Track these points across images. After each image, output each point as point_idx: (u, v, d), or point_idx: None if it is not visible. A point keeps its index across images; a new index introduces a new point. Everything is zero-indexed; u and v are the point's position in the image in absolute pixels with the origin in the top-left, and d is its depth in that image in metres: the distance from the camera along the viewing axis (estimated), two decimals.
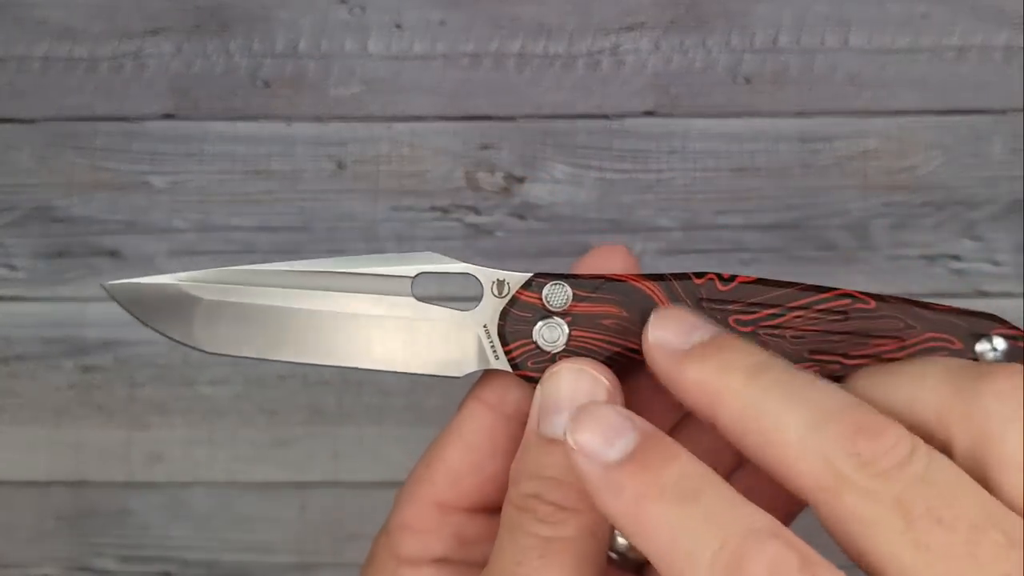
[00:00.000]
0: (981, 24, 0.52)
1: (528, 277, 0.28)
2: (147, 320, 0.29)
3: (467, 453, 0.29)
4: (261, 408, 0.57)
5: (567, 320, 0.27)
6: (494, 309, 0.28)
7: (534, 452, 0.26)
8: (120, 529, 0.58)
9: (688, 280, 0.27)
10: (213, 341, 0.29)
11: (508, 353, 0.28)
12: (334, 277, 0.28)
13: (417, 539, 0.29)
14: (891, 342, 0.27)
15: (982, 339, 0.27)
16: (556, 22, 0.52)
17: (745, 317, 0.27)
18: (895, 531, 0.21)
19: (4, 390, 0.57)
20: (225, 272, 0.29)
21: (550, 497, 0.25)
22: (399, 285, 0.28)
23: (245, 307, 0.29)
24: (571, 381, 0.26)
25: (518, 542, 0.25)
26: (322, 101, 0.53)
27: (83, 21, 0.53)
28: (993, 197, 0.54)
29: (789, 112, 0.53)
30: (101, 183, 0.54)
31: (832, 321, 0.27)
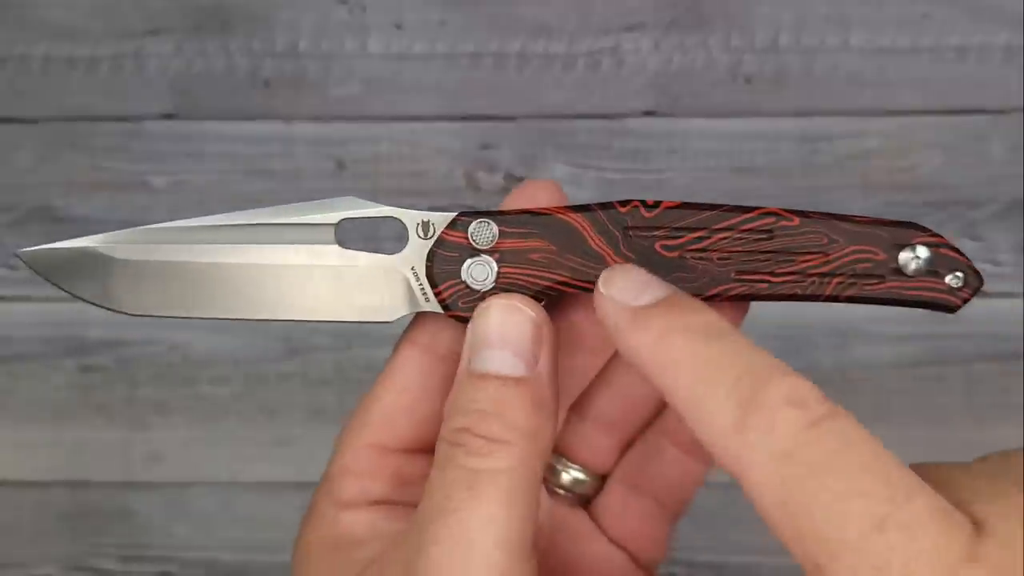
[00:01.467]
0: (981, 24, 0.52)
1: (453, 216, 0.27)
2: (65, 285, 0.28)
3: (401, 395, 0.28)
4: (261, 408, 0.57)
5: (495, 257, 0.27)
6: (421, 251, 0.27)
7: (466, 387, 0.26)
8: (120, 528, 0.58)
9: (613, 209, 0.27)
10: (136, 303, 0.28)
11: (438, 295, 0.27)
12: (256, 229, 0.28)
13: (356, 482, 0.29)
14: (816, 257, 0.27)
15: (905, 248, 0.27)
16: (556, 22, 0.52)
17: (671, 242, 0.27)
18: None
19: (4, 390, 0.57)
20: (143, 231, 0.28)
21: (480, 430, 0.25)
22: (323, 233, 0.28)
23: (166, 265, 0.28)
24: (500, 316, 0.26)
25: (448, 476, 0.25)
26: (322, 101, 0.53)
27: (83, 21, 0.53)
28: (993, 197, 0.54)
29: (789, 112, 0.53)
30: (101, 183, 0.54)
31: (757, 240, 0.27)
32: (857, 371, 0.54)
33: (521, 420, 0.25)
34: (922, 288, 0.27)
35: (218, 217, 0.28)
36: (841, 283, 0.27)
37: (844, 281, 0.27)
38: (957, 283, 0.27)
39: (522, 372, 0.25)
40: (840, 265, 0.27)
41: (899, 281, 0.27)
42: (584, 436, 0.30)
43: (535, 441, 0.25)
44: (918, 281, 0.27)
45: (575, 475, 0.30)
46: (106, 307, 0.28)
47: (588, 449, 0.30)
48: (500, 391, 0.25)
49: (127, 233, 0.28)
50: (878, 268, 0.27)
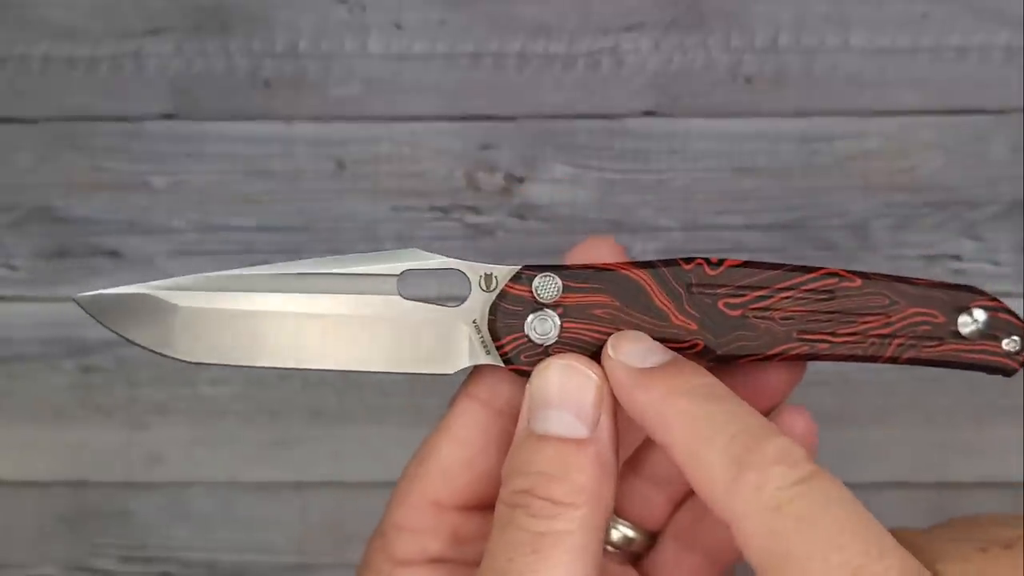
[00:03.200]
0: (981, 24, 0.52)
1: (517, 269, 0.27)
2: (123, 332, 0.28)
3: (460, 450, 0.28)
4: (261, 408, 0.57)
5: (558, 312, 0.27)
6: (483, 304, 0.27)
7: (525, 448, 0.26)
8: (120, 529, 0.58)
9: (677, 266, 0.27)
10: (194, 350, 0.28)
11: (500, 348, 0.27)
12: (318, 279, 0.28)
13: (412, 539, 0.28)
14: (877, 319, 0.27)
15: (964, 312, 0.28)
16: (556, 22, 0.52)
17: (735, 300, 0.27)
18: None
19: (4, 390, 0.57)
20: (203, 278, 0.28)
21: (542, 492, 0.25)
22: (385, 284, 0.28)
23: (225, 313, 0.28)
24: (561, 377, 0.26)
25: (510, 538, 0.25)
26: (322, 101, 0.53)
27: (83, 21, 0.53)
28: (993, 197, 0.54)
29: (789, 112, 0.53)
30: (101, 183, 0.54)
31: (819, 300, 0.27)
32: (857, 372, 0.54)
33: (583, 482, 0.25)
34: (980, 351, 0.28)
35: (280, 265, 0.28)
36: (901, 345, 0.28)
37: (904, 343, 0.28)
38: (1014, 347, 0.28)
39: (584, 434, 0.26)
40: (901, 327, 0.28)
41: (958, 344, 0.28)
42: (636, 493, 0.31)
43: (597, 503, 0.25)
44: (976, 344, 0.28)
45: (626, 532, 0.31)
46: (163, 354, 0.28)
47: (640, 506, 0.31)
48: (562, 453, 0.25)
49: (187, 280, 0.28)
50: (938, 330, 0.27)
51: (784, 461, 0.23)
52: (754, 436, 0.24)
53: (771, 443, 0.24)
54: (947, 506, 0.56)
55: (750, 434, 0.24)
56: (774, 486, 0.23)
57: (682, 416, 0.24)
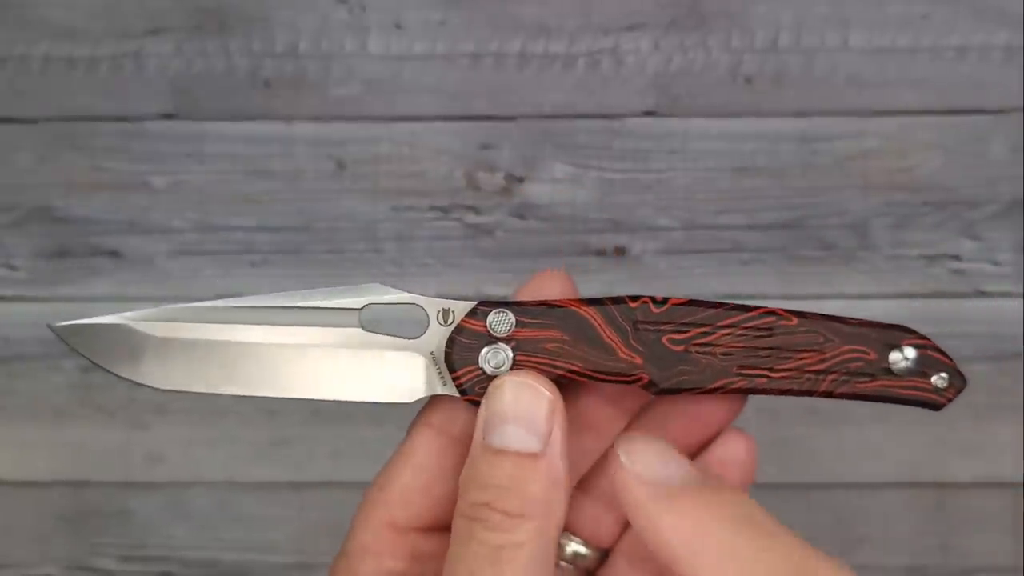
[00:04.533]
0: (981, 24, 0.52)
1: (472, 305, 0.29)
2: (97, 359, 0.29)
3: (418, 475, 0.29)
4: (261, 408, 0.57)
5: (511, 345, 0.28)
6: (440, 337, 0.29)
7: (481, 463, 0.26)
8: (120, 529, 0.58)
9: (624, 304, 0.28)
10: (164, 378, 0.29)
11: (456, 379, 0.29)
12: (283, 312, 0.29)
13: (374, 559, 0.29)
14: (812, 355, 0.28)
15: (894, 349, 0.29)
16: (556, 22, 0.52)
17: (678, 336, 0.28)
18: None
19: (4, 390, 0.57)
20: (173, 310, 0.29)
21: (499, 505, 0.26)
22: (347, 317, 0.29)
23: (194, 343, 0.29)
24: (514, 393, 0.27)
25: (469, 551, 0.25)
26: (322, 101, 0.53)
27: (84, 21, 0.53)
28: (993, 197, 0.54)
29: (789, 112, 0.53)
30: (101, 183, 0.54)
31: (758, 337, 0.28)
32: None
33: (538, 494, 0.26)
34: (910, 387, 0.29)
35: (248, 299, 0.29)
36: (835, 380, 0.29)
37: (838, 378, 0.29)
38: (943, 383, 0.29)
39: (536, 448, 0.26)
40: (835, 363, 0.29)
41: (889, 380, 0.29)
42: (588, 512, 0.31)
43: (551, 515, 0.26)
44: (906, 380, 0.29)
45: (577, 548, 0.31)
46: (135, 381, 0.29)
47: (591, 524, 0.31)
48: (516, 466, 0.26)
49: (159, 311, 0.29)
50: (869, 367, 0.29)
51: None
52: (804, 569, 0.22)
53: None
54: (946, 506, 0.56)
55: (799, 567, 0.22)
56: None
57: (719, 553, 0.23)
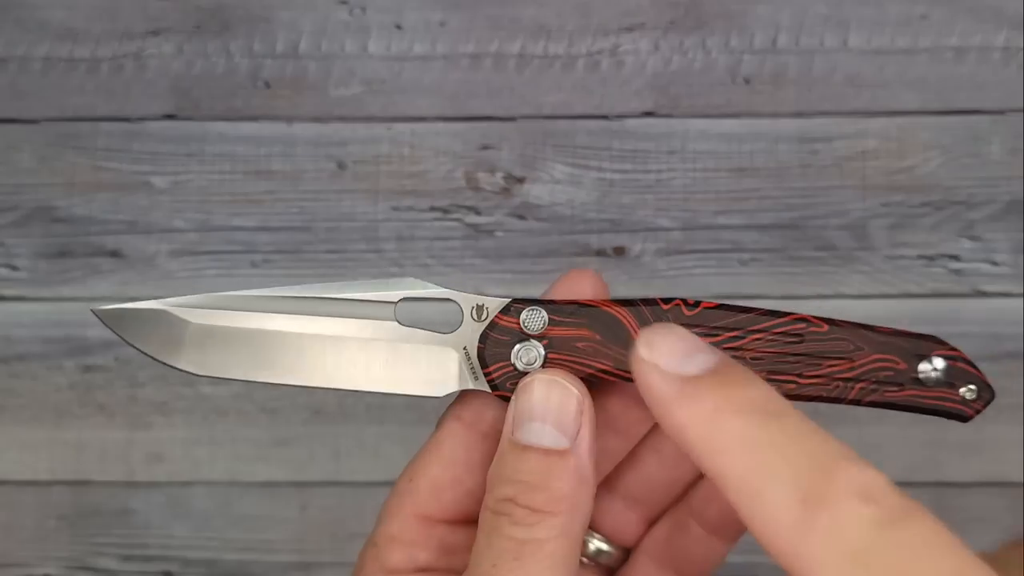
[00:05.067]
0: (980, 25, 0.52)
1: (507, 302, 0.29)
2: (137, 344, 0.30)
3: (447, 468, 0.29)
4: (262, 408, 0.57)
5: (543, 343, 0.29)
6: (473, 332, 0.29)
7: (509, 458, 0.27)
8: (121, 528, 0.58)
9: (656, 306, 0.29)
10: (202, 364, 0.29)
11: (488, 375, 0.29)
12: (320, 303, 0.30)
13: (403, 550, 0.29)
14: (842, 363, 0.28)
15: (924, 359, 0.29)
16: (556, 23, 0.52)
17: (708, 340, 0.28)
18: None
19: (5, 390, 0.57)
20: (213, 298, 0.30)
21: (524, 500, 0.26)
22: (383, 310, 0.29)
23: (233, 331, 0.30)
24: (544, 391, 0.27)
25: (494, 545, 0.26)
26: (323, 102, 0.53)
27: (84, 22, 0.53)
28: (992, 197, 0.54)
29: (788, 112, 0.53)
30: (102, 183, 0.54)
31: (788, 343, 0.28)
32: None
33: (564, 491, 0.26)
34: (938, 398, 0.29)
35: (286, 288, 0.30)
36: (864, 388, 0.29)
37: (867, 387, 0.29)
38: (971, 395, 0.29)
39: (564, 445, 0.26)
40: (864, 372, 0.29)
41: (917, 389, 0.29)
42: (611, 510, 0.31)
43: (576, 512, 0.26)
44: (935, 391, 0.29)
45: (600, 546, 0.32)
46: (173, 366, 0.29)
47: (614, 522, 0.31)
48: (544, 463, 0.26)
49: (199, 298, 0.30)
50: (899, 376, 0.29)
51: (866, 498, 0.20)
52: (826, 466, 0.20)
53: (848, 474, 0.20)
54: (946, 506, 0.56)
55: (820, 463, 0.20)
56: (855, 529, 0.20)
57: (737, 440, 0.21)
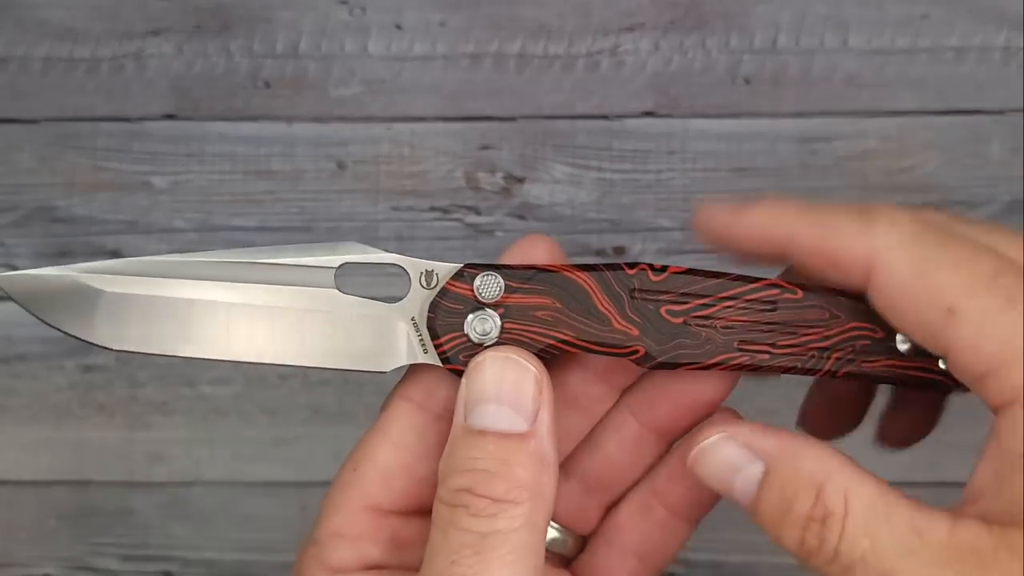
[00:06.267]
0: (980, 25, 0.52)
1: (459, 267, 0.27)
2: (46, 317, 0.27)
3: (397, 453, 0.27)
4: (262, 408, 0.57)
5: (499, 312, 0.26)
6: (423, 301, 0.27)
7: (463, 444, 0.25)
8: (121, 528, 0.58)
9: (620, 270, 0.27)
10: (118, 338, 0.27)
11: (438, 347, 0.26)
12: (253, 268, 0.27)
13: (349, 546, 0.27)
14: (817, 331, 0.27)
15: None
16: (556, 23, 0.52)
17: (677, 307, 0.27)
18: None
19: (6, 390, 0.57)
20: (132, 263, 0.27)
21: (482, 490, 0.24)
22: (321, 276, 0.27)
23: (153, 300, 0.27)
24: (498, 370, 0.25)
25: (451, 540, 0.24)
26: (322, 102, 0.53)
27: (84, 22, 0.53)
28: (992, 197, 0.54)
29: (788, 112, 0.53)
30: (102, 183, 0.54)
31: (761, 311, 0.27)
32: None
33: (525, 478, 0.24)
34: (916, 368, 0.27)
35: (215, 253, 0.27)
36: (839, 359, 0.27)
37: (842, 357, 0.27)
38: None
39: (523, 428, 0.25)
40: (840, 340, 0.27)
41: (895, 360, 0.27)
42: (568, 495, 0.29)
43: (540, 499, 0.24)
44: (913, 361, 0.27)
45: (555, 535, 0.30)
46: (86, 341, 0.27)
47: (571, 508, 0.29)
48: (501, 448, 0.24)
49: (115, 263, 0.27)
50: (876, 346, 0.27)
51: None
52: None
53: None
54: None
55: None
56: None
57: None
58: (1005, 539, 0.22)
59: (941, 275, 0.24)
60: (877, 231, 0.25)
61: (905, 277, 0.24)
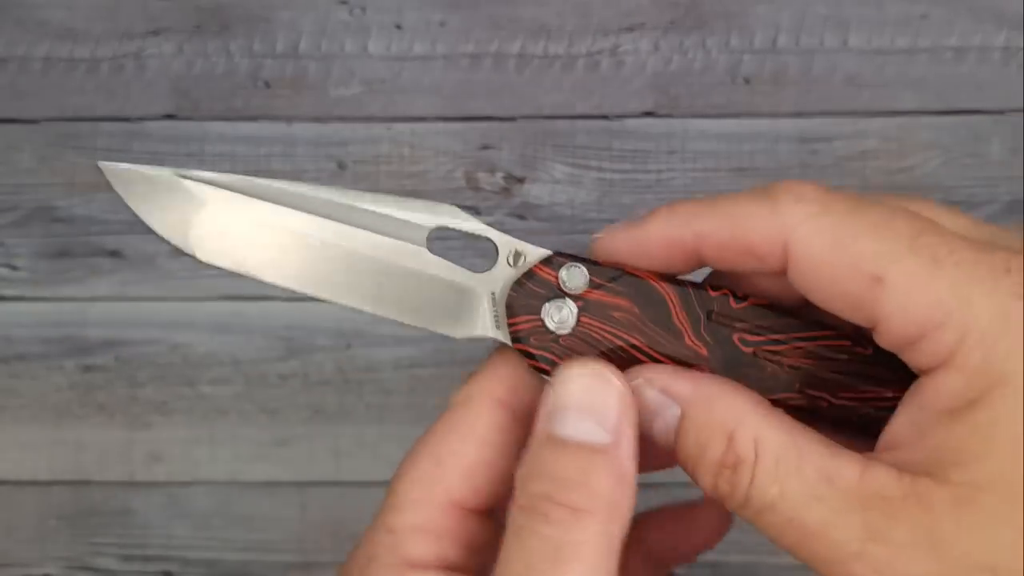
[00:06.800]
0: (980, 25, 0.52)
1: (548, 254, 0.27)
2: (144, 215, 0.27)
3: (482, 450, 0.27)
4: (262, 407, 0.57)
5: (579, 304, 0.27)
6: (507, 278, 0.27)
7: (545, 452, 0.25)
8: (121, 528, 0.58)
9: (703, 290, 0.27)
10: (211, 251, 0.27)
11: (512, 325, 0.27)
12: (352, 211, 0.27)
13: (430, 542, 0.27)
14: (879, 391, 0.27)
15: None
16: (556, 23, 0.53)
17: (751, 337, 0.27)
18: None
19: (5, 390, 0.57)
20: (238, 180, 0.27)
21: (562, 498, 0.24)
22: (415, 233, 0.27)
23: (251, 221, 0.27)
24: (588, 384, 0.25)
25: (527, 545, 0.24)
26: (322, 102, 0.53)
27: (84, 22, 0.53)
28: (992, 197, 0.54)
29: (788, 112, 0.53)
30: (102, 183, 0.54)
31: (829, 360, 0.27)
32: None
33: (603, 490, 0.24)
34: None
35: (319, 188, 0.27)
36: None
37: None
38: None
39: (605, 440, 0.25)
40: (896, 402, 0.26)
41: None
42: None
43: (616, 513, 0.24)
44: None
45: None
46: (179, 248, 0.27)
47: None
48: (584, 459, 0.24)
49: (222, 177, 0.27)
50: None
51: None
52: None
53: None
54: None
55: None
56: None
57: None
58: (915, 488, 0.23)
59: (860, 243, 0.23)
60: (784, 208, 0.24)
61: (822, 250, 0.24)
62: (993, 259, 0.23)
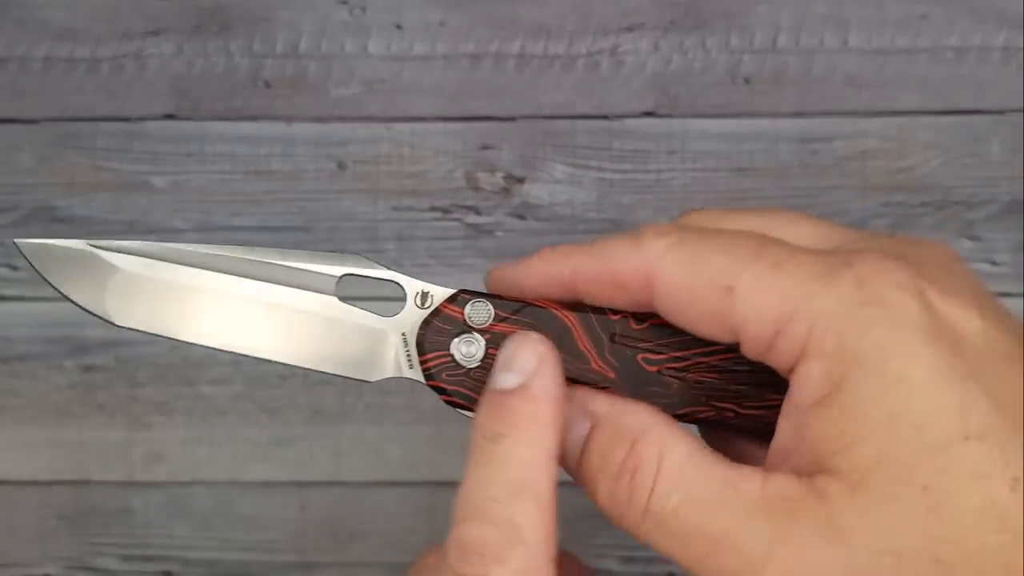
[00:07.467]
0: (980, 25, 0.52)
1: (453, 292, 0.28)
2: (57, 283, 0.29)
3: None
4: (262, 407, 0.57)
5: (486, 337, 0.28)
6: (415, 319, 0.28)
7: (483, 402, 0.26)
8: (121, 528, 0.58)
9: (604, 315, 0.28)
10: (124, 314, 0.29)
11: (424, 363, 0.28)
12: (261, 266, 0.28)
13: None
14: (783, 398, 0.27)
15: None
16: (556, 23, 0.53)
17: (654, 356, 0.28)
18: None
19: (5, 390, 0.57)
20: (148, 246, 0.28)
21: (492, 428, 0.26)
22: (323, 283, 0.28)
23: (164, 284, 0.28)
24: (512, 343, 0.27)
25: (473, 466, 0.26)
26: (322, 101, 0.53)
27: (84, 22, 0.53)
28: (992, 197, 0.54)
29: (788, 112, 0.53)
30: (102, 183, 0.55)
31: (732, 372, 0.28)
32: None
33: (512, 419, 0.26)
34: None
35: (227, 248, 0.29)
36: None
37: None
38: None
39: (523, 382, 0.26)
40: None
41: None
42: None
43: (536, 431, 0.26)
44: None
45: None
46: (95, 314, 0.29)
47: None
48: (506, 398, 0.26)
49: (132, 244, 0.28)
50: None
51: None
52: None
53: None
54: None
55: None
56: None
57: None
58: (813, 486, 0.23)
59: (710, 261, 0.25)
60: (646, 243, 0.26)
61: (679, 273, 0.25)
62: (832, 258, 0.24)
